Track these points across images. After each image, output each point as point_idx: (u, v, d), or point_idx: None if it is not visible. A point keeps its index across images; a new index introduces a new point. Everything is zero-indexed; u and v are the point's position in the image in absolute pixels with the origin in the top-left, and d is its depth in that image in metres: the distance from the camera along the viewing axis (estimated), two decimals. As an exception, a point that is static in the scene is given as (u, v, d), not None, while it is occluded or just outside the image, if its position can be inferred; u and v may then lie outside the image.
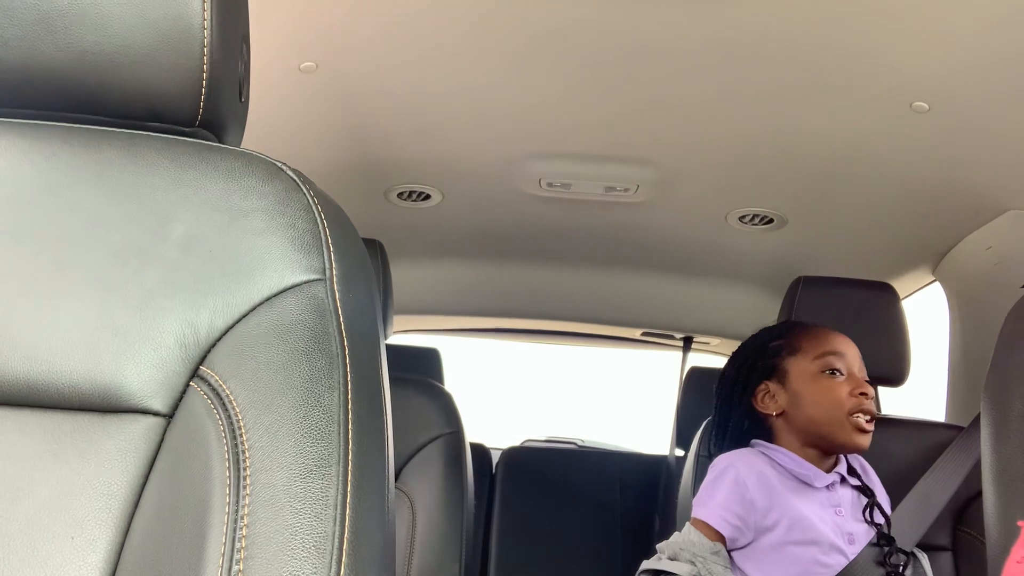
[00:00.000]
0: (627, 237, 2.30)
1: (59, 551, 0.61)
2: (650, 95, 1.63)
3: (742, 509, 1.43)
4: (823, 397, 1.49)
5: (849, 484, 1.52)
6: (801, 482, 1.47)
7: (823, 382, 1.50)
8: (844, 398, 1.47)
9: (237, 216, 0.68)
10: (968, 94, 1.47)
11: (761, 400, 1.55)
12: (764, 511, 1.43)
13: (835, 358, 1.51)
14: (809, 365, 1.52)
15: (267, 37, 1.40)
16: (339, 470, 0.60)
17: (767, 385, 1.55)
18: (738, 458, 1.50)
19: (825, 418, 1.48)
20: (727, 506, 1.44)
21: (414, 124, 1.79)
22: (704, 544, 1.42)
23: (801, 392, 1.51)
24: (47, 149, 0.71)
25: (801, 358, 1.53)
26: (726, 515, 1.43)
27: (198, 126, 0.75)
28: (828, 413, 1.48)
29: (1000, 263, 1.87)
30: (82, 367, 0.64)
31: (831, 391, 1.49)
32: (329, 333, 0.65)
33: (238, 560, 0.57)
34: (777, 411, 1.53)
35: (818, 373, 1.51)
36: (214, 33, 0.72)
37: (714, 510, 1.44)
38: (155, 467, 0.63)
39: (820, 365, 1.51)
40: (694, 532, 1.45)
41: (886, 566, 1.42)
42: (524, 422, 3.73)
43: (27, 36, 0.70)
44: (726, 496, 1.45)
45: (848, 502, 1.50)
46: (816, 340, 1.55)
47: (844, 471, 1.52)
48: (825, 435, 1.49)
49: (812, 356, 1.52)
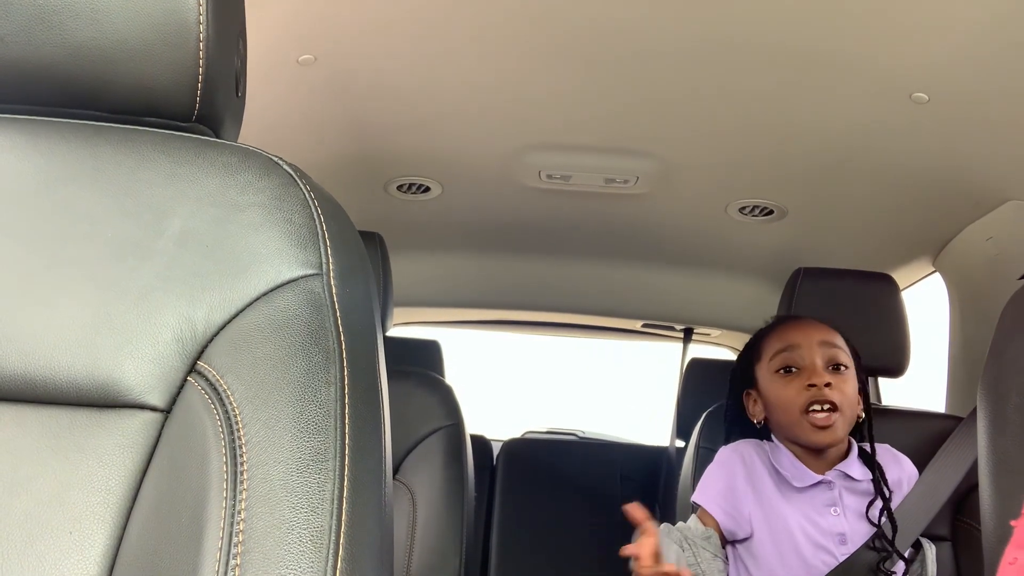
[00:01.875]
0: (627, 229, 2.30)
1: (57, 546, 0.61)
2: (650, 87, 1.62)
3: (735, 498, 1.46)
4: (780, 399, 1.49)
5: (856, 482, 1.48)
6: (786, 482, 1.47)
7: (778, 383, 1.50)
8: (795, 395, 1.46)
9: (234, 211, 0.68)
10: (968, 84, 1.47)
11: (751, 408, 1.57)
12: (751, 504, 1.45)
13: (787, 354, 1.49)
14: (767, 367, 1.52)
15: (265, 30, 1.40)
16: (336, 465, 0.60)
17: (751, 392, 1.57)
18: (737, 448, 1.52)
19: (785, 419, 1.48)
20: (724, 493, 1.46)
21: (413, 116, 1.79)
22: (697, 530, 1.43)
23: (767, 396, 1.52)
24: (43, 145, 0.71)
25: (764, 363, 1.53)
26: (721, 502, 1.46)
27: (194, 121, 0.75)
28: (785, 414, 1.48)
29: (1000, 254, 1.87)
30: (79, 362, 0.64)
31: (784, 391, 1.48)
32: (326, 328, 0.65)
33: (235, 555, 0.57)
34: (760, 418, 1.54)
35: (774, 375, 1.50)
36: (210, 28, 0.72)
37: (711, 496, 1.47)
38: (153, 462, 0.64)
39: (775, 365, 1.50)
40: (693, 518, 1.48)
41: (879, 572, 1.40)
42: (525, 414, 3.74)
43: (23, 31, 0.70)
44: (724, 484, 1.47)
45: (850, 500, 1.47)
46: (771, 340, 1.54)
47: (850, 468, 1.48)
48: (791, 436, 1.49)
49: (768, 357, 1.52)
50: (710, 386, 1.77)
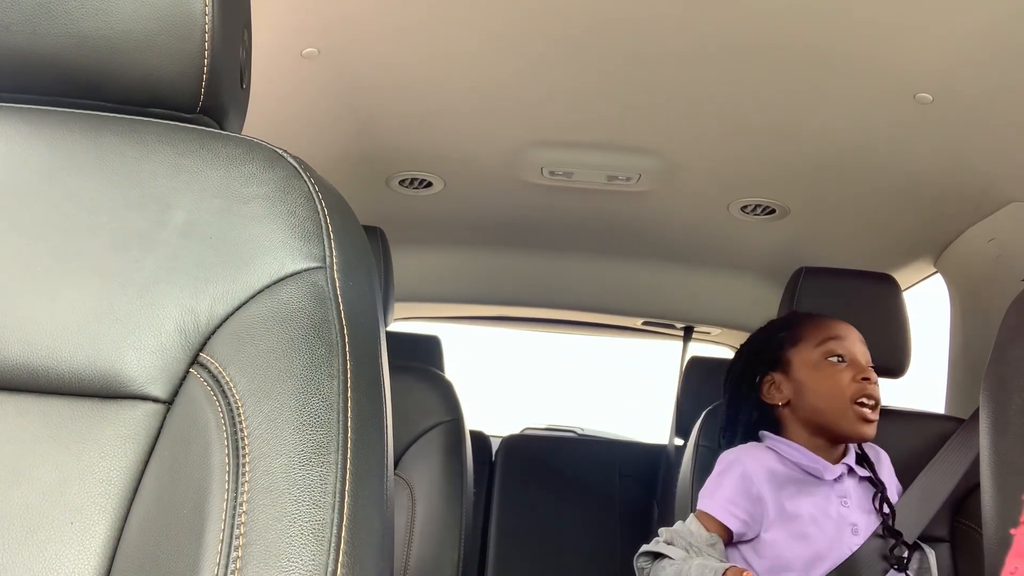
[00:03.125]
0: (629, 226, 2.30)
1: (58, 536, 0.61)
2: (653, 84, 1.62)
3: (749, 503, 1.43)
4: (825, 384, 1.48)
5: (857, 475, 1.51)
6: (809, 475, 1.47)
7: (825, 369, 1.49)
8: (846, 384, 1.47)
9: (237, 203, 0.68)
10: (972, 86, 1.47)
11: (767, 391, 1.55)
12: (771, 506, 1.43)
13: (836, 343, 1.51)
14: (811, 353, 1.52)
15: (269, 23, 1.40)
16: (338, 458, 0.60)
17: (772, 376, 1.55)
18: (745, 452, 1.50)
19: (828, 406, 1.48)
20: (734, 500, 1.43)
21: (416, 111, 1.78)
22: (701, 535, 1.42)
23: (804, 381, 1.51)
24: (47, 134, 0.71)
25: (803, 346, 1.53)
26: (733, 509, 1.43)
27: (199, 112, 0.75)
28: (831, 401, 1.47)
29: (1002, 255, 1.87)
30: (82, 353, 0.64)
31: (833, 377, 1.48)
32: (329, 321, 0.65)
33: (237, 547, 0.57)
34: (783, 401, 1.53)
35: (820, 360, 1.50)
36: (215, 19, 0.72)
37: (720, 503, 1.44)
38: (154, 453, 0.64)
39: (822, 352, 1.51)
40: (694, 522, 1.45)
41: (890, 559, 1.42)
42: (524, 410, 3.74)
43: (28, 20, 0.70)
44: (733, 490, 1.44)
45: (855, 492, 1.49)
46: (817, 327, 1.54)
47: (852, 461, 1.51)
48: (830, 424, 1.48)
49: (813, 344, 1.52)
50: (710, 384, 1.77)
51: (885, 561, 1.42)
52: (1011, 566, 0.85)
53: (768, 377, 1.56)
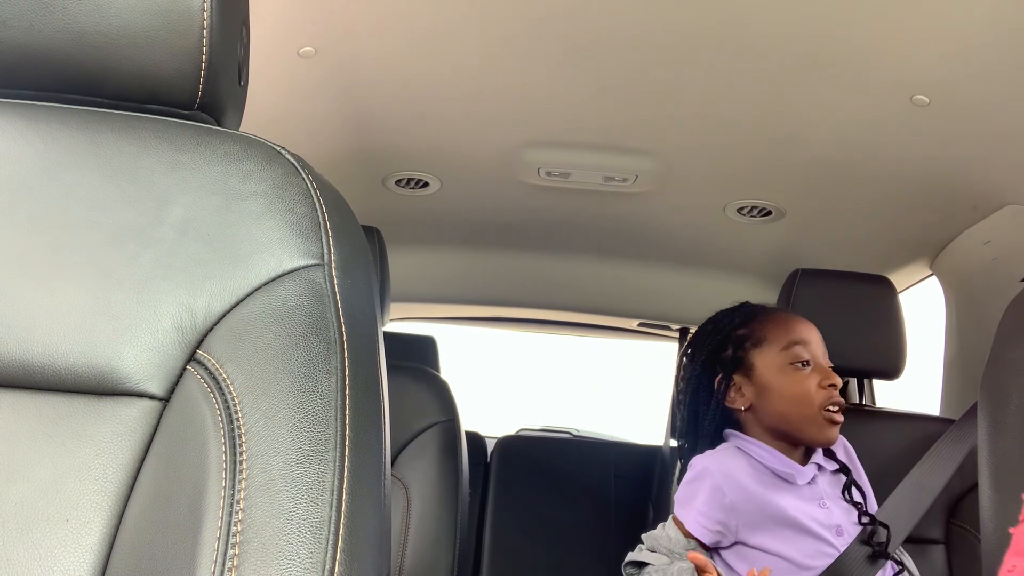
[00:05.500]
0: (625, 227, 2.30)
1: (53, 533, 0.61)
2: (650, 86, 1.62)
3: (723, 515, 1.40)
4: (792, 391, 1.43)
5: (827, 471, 1.47)
6: (781, 479, 1.43)
7: (791, 375, 1.44)
8: (814, 391, 1.42)
9: (235, 200, 0.68)
10: (969, 88, 1.47)
11: (730, 396, 1.49)
12: (747, 513, 1.40)
13: (802, 348, 1.45)
14: (776, 357, 1.46)
15: (267, 21, 1.40)
16: (336, 455, 0.60)
17: (734, 379, 1.49)
18: (714, 461, 1.44)
19: (795, 412, 1.43)
20: (707, 513, 1.40)
21: (413, 111, 1.78)
22: (680, 540, 1.39)
23: (769, 386, 1.46)
24: (45, 130, 0.70)
25: (767, 350, 1.47)
26: (705, 522, 1.39)
27: (197, 109, 0.75)
28: (799, 407, 1.43)
29: (998, 258, 1.87)
30: (78, 349, 0.63)
31: (801, 384, 1.43)
32: (327, 318, 0.64)
33: (233, 544, 0.56)
34: (745, 406, 1.47)
35: (785, 365, 1.45)
36: (214, 16, 0.72)
37: (694, 516, 1.40)
38: (151, 450, 0.63)
39: (787, 357, 1.45)
40: (672, 528, 1.42)
41: (871, 543, 1.39)
42: (519, 411, 3.74)
43: (25, 15, 0.70)
44: (705, 503, 1.40)
45: (829, 492, 1.46)
46: (781, 329, 1.48)
47: (820, 459, 1.47)
48: (795, 430, 1.44)
49: (779, 347, 1.46)
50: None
51: (872, 557, 1.39)
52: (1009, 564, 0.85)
53: (731, 380, 1.49)
